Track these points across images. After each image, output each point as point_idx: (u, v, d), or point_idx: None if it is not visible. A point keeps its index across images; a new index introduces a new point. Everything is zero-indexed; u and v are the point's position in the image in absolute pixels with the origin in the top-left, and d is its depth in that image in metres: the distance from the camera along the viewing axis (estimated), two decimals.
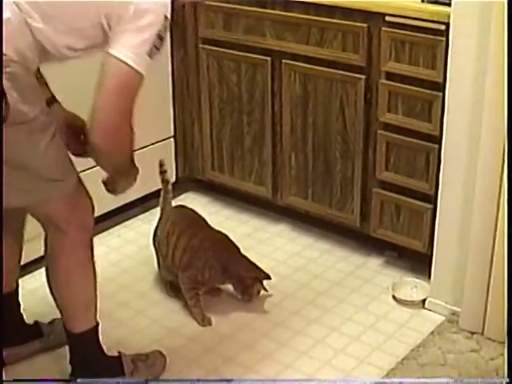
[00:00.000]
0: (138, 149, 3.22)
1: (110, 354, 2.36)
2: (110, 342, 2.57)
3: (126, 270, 3.00)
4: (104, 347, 2.34)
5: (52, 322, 2.55)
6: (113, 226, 3.29)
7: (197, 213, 2.87)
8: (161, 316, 2.72)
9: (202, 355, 2.52)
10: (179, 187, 3.55)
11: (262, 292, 2.80)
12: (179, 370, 2.45)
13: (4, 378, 1.93)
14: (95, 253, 3.10)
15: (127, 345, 2.56)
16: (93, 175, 3.09)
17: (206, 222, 2.83)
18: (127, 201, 3.28)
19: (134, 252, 3.06)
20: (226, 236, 2.78)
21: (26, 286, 2.88)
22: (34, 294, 2.83)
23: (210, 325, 2.67)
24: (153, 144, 3.30)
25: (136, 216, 3.37)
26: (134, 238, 3.18)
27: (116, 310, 2.75)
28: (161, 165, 2.85)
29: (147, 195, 3.38)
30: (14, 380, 2.32)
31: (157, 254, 2.84)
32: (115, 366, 2.31)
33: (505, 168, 2.26)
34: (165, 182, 2.90)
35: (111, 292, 2.86)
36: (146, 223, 3.03)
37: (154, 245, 2.84)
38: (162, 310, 2.75)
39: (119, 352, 2.37)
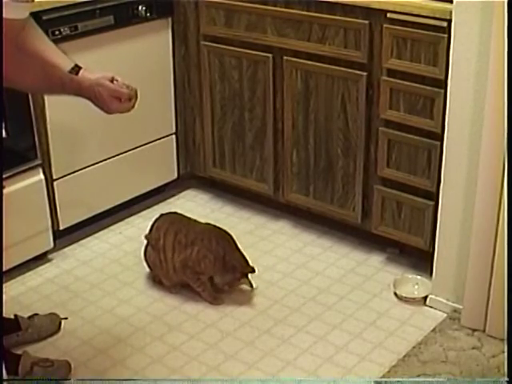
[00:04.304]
0: (140, 146, 3.25)
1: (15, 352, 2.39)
2: (110, 339, 2.58)
3: (127, 266, 3.00)
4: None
5: (32, 317, 2.56)
6: (114, 223, 3.29)
7: (180, 213, 2.88)
8: (162, 313, 2.72)
9: (204, 352, 2.52)
10: (181, 184, 3.55)
11: (263, 290, 2.81)
12: (180, 367, 2.45)
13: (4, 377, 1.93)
14: (97, 250, 3.13)
15: (128, 342, 2.57)
16: (94, 172, 3.11)
17: (191, 219, 2.84)
18: (129, 198, 3.28)
19: (135, 249, 3.06)
20: (215, 226, 2.79)
21: (28, 282, 2.89)
22: (35, 291, 2.84)
23: (222, 303, 2.74)
24: (154, 141, 3.30)
25: (137, 213, 3.37)
26: (136, 235, 3.18)
27: (117, 307, 2.75)
28: None
29: (148, 192, 3.38)
30: (14, 380, 2.32)
31: (151, 267, 2.84)
32: (11, 364, 2.30)
33: (506, 164, 2.26)
34: None
35: (112, 289, 2.86)
36: (148, 220, 3.03)
37: (146, 260, 2.85)
38: (164, 307, 2.75)
39: (23, 352, 2.38)
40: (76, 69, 2.14)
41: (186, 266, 2.71)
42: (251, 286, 2.78)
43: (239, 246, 2.76)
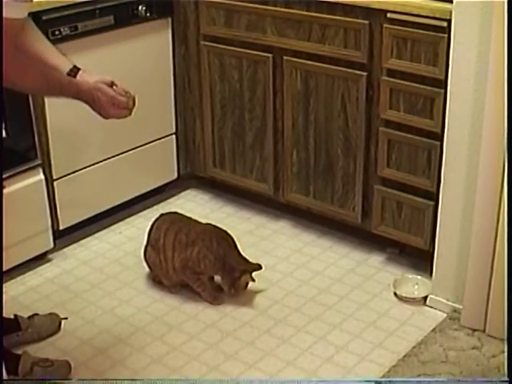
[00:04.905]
0: (140, 146, 3.25)
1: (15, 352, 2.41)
2: (110, 338, 2.58)
3: (127, 266, 3.00)
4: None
5: (32, 317, 2.57)
6: (114, 223, 3.29)
7: (180, 213, 2.89)
8: (162, 313, 2.72)
9: (204, 352, 2.52)
10: (180, 184, 3.55)
11: (263, 290, 2.81)
12: (180, 367, 2.45)
13: (4, 377, 1.93)
14: (97, 250, 3.13)
15: (128, 342, 2.56)
16: (94, 172, 3.11)
17: (191, 219, 2.84)
18: (129, 198, 3.28)
19: (135, 249, 3.06)
20: (215, 227, 2.80)
21: (28, 282, 2.89)
22: (35, 291, 2.84)
23: (222, 303, 2.74)
24: (154, 141, 3.30)
25: (137, 213, 3.37)
26: (136, 235, 3.18)
27: (117, 307, 2.75)
28: None
29: (148, 192, 3.38)
30: (14, 380, 2.32)
31: (151, 267, 2.84)
32: (11, 364, 2.30)
33: (506, 164, 2.26)
34: None
35: (112, 289, 2.86)
36: (148, 220, 3.03)
37: (146, 260, 2.84)
38: (164, 307, 2.75)
39: (23, 352, 2.39)
40: (75, 70, 2.14)
41: (186, 266, 2.71)
42: (253, 280, 2.76)
43: (238, 246, 2.76)
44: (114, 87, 2.15)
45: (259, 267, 2.75)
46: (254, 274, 2.75)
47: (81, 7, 2.83)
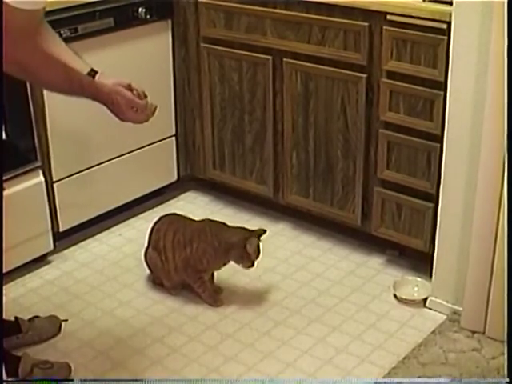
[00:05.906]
0: (140, 148, 3.25)
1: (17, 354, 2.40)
2: (111, 340, 2.59)
3: (127, 268, 3.00)
4: None
5: (32, 319, 2.57)
6: (114, 225, 3.29)
7: (179, 214, 2.89)
8: (162, 315, 2.72)
9: (204, 354, 2.52)
10: (180, 186, 3.55)
11: (263, 291, 2.81)
12: (180, 369, 2.45)
13: (4, 378, 1.93)
14: (97, 252, 3.13)
15: (128, 343, 2.57)
16: (93, 174, 3.11)
17: (188, 218, 2.84)
18: (129, 200, 3.28)
19: (135, 251, 3.06)
20: (209, 220, 2.81)
21: (28, 284, 2.89)
22: (35, 293, 2.84)
23: (222, 304, 2.75)
24: (154, 143, 3.30)
25: (137, 215, 3.37)
26: (136, 237, 3.18)
27: (117, 309, 2.75)
28: None
29: (148, 194, 3.38)
30: (14, 380, 2.32)
31: (152, 269, 2.84)
32: (11, 366, 2.30)
33: (506, 166, 2.26)
34: None
35: (113, 291, 2.86)
36: (148, 222, 3.04)
37: (147, 262, 2.84)
38: (164, 309, 2.75)
39: (23, 354, 2.39)
40: (92, 73, 2.15)
41: (188, 264, 2.71)
42: (263, 232, 2.74)
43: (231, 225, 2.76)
44: (134, 92, 2.16)
45: (263, 231, 2.74)
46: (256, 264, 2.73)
47: (81, 9, 2.84)
